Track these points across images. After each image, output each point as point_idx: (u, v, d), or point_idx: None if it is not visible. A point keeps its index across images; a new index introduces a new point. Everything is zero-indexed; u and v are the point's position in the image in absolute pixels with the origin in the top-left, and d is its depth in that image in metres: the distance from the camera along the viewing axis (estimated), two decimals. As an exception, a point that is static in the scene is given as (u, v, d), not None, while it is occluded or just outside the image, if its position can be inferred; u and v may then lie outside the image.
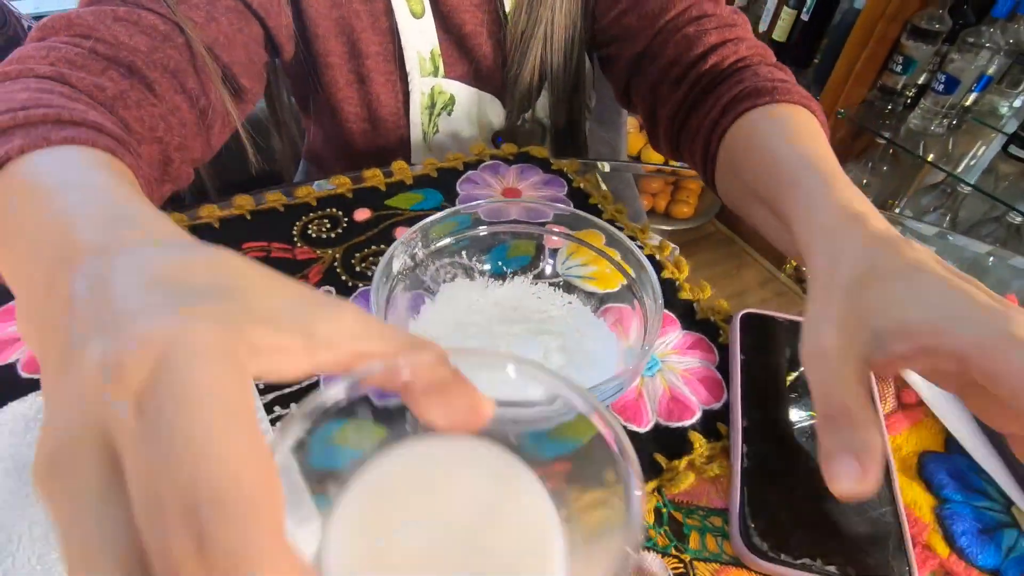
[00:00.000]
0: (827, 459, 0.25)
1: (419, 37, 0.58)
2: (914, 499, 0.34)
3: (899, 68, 1.32)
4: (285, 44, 0.55)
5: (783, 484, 0.34)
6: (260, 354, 0.16)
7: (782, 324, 0.42)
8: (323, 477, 0.22)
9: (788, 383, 0.39)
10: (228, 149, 0.51)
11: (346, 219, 0.51)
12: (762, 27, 1.59)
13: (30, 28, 0.66)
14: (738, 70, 0.48)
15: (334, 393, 0.20)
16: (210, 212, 0.50)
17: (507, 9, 0.58)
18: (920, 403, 0.39)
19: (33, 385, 0.36)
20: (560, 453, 0.24)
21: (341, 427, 0.22)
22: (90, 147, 0.29)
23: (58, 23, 0.39)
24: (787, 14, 1.50)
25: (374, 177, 0.55)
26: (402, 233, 0.41)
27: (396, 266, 0.38)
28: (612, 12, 0.57)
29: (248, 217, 0.50)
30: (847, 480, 0.24)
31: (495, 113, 0.65)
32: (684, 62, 0.50)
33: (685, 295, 0.46)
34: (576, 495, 0.22)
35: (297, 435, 0.20)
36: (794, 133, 0.40)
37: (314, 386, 0.38)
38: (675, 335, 0.43)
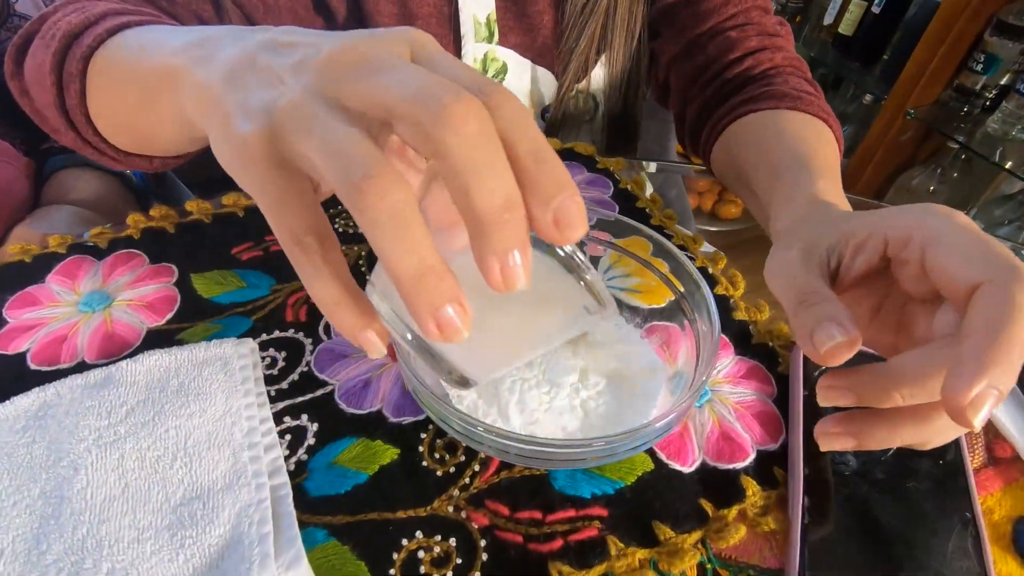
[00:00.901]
0: (805, 334, 0.24)
1: (476, 1, 0.55)
2: (1009, 574, 0.29)
3: (980, 67, 1.21)
4: (338, 7, 0.53)
5: (850, 548, 0.29)
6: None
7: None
8: None
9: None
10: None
11: (374, 213, 0.48)
12: (828, 19, 1.49)
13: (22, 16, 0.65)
14: (768, 75, 0.50)
15: None
16: (235, 200, 0.47)
17: None
18: (1016, 458, 0.34)
19: (40, 378, 0.34)
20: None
21: None
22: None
23: None
24: (856, 6, 1.40)
25: (407, 169, 0.52)
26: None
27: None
28: (668, 1, 0.55)
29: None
30: (832, 339, 0.23)
31: (547, 86, 0.61)
32: (720, 63, 0.53)
33: (740, 315, 0.41)
34: None
35: None
36: (799, 138, 0.42)
37: (324, 394, 0.35)
38: (728, 361, 0.38)
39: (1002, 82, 1.22)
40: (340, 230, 0.46)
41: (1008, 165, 1.23)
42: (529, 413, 0.32)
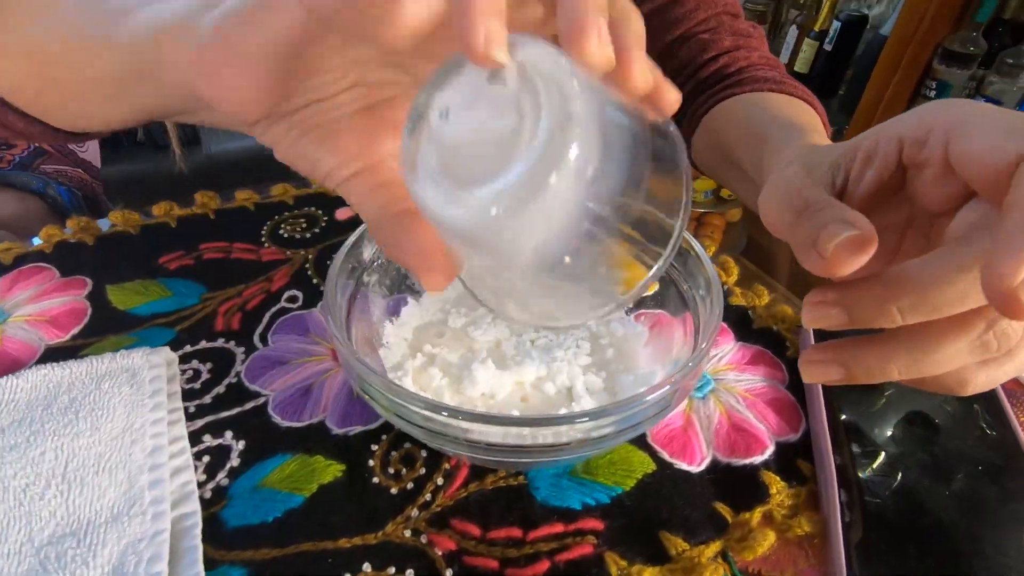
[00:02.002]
0: (806, 242, 0.19)
1: None
2: (1099, 572, 0.24)
3: (933, 93, 1.25)
4: None
5: (904, 545, 0.23)
6: None
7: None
8: None
9: (892, 405, 0.29)
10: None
11: (326, 218, 0.43)
12: (783, 59, 1.54)
13: None
14: (746, 70, 0.49)
15: None
16: (167, 210, 0.42)
17: None
18: (1073, 435, 0.29)
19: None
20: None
21: None
22: None
23: None
24: (808, 45, 1.46)
25: (362, 175, 0.47)
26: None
27: (368, 253, 0.29)
28: (640, 8, 0.53)
29: (211, 216, 0.43)
30: (837, 235, 0.18)
31: None
32: (695, 63, 0.52)
33: (737, 300, 0.37)
34: None
35: None
36: (784, 110, 0.40)
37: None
38: (729, 348, 0.33)
39: (956, 106, 1.26)
40: (286, 235, 0.41)
41: (973, 186, 1.25)
42: (504, 407, 0.27)
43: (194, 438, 0.28)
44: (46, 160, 0.64)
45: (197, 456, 0.27)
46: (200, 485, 0.26)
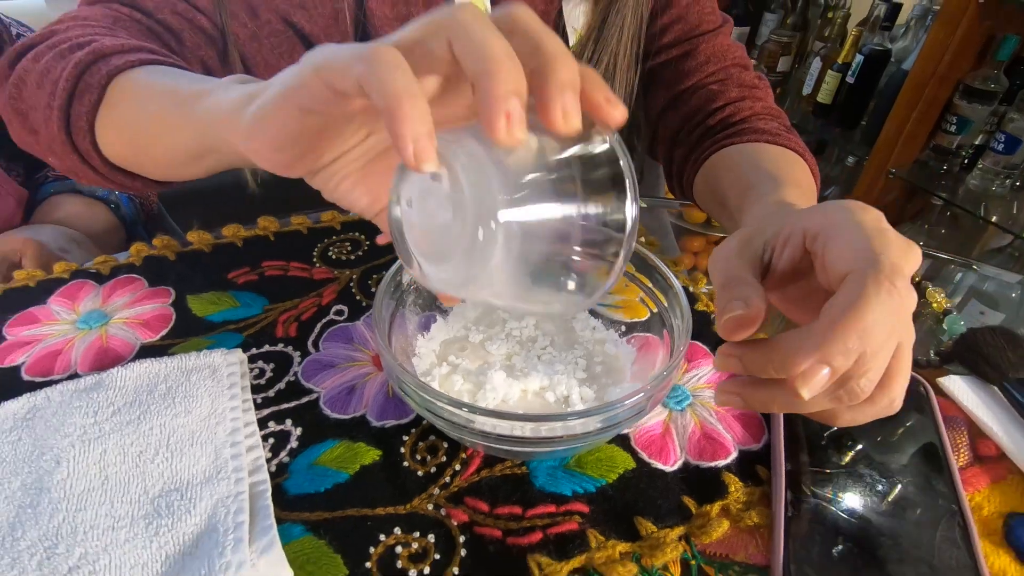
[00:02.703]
0: (719, 311, 0.26)
1: None
2: (1002, 568, 0.28)
3: (953, 128, 1.28)
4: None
5: (833, 539, 0.28)
6: None
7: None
8: None
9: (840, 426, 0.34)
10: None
11: (368, 243, 0.50)
12: (806, 90, 1.58)
13: (19, 36, 0.69)
14: (748, 120, 0.53)
15: None
16: (235, 232, 0.50)
17: (570, 43, 0.59)
18: (1002, 456, 0.33)
19: (33, 388, 0.35)
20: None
21: None
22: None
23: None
24: (831, 77, 1.50)
25: (400, 205, 0.54)
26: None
27: (406, 279, 0.36)
28: (656, 59, 0.60)
29: (271, 238, 0.50)
30: (732, 311, 0.25)
31: None
32: (703, 112, 0.56)
33: (721, 328, 0.42)
34: None
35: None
36: (773, 162, 0.45)
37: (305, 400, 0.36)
38: (708, 369, 0.39)
39: (976, 141, 1.28)
40: (334, 257, 0.48)
41: (994, 219, 1.26)
42: (512, 409, 0.33)
43: (261, 423, 0.34)
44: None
45: (264, 438, 0.34)
46: (267, 461, 0.32)
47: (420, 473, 0.32)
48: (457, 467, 0.32)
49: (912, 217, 1.45)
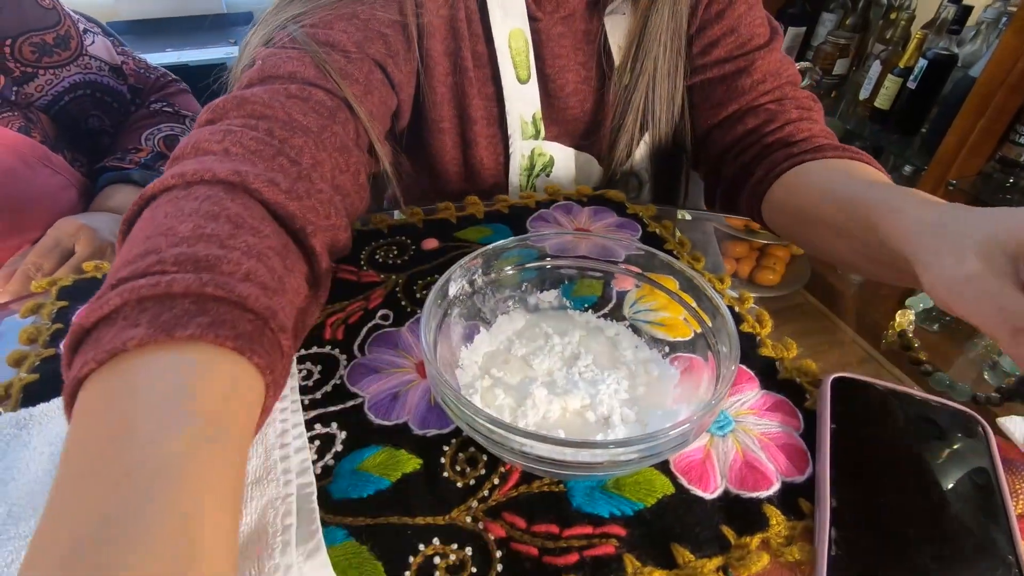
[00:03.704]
0: None
1: (522, 102, 0.59)
2: (1059, 627, 0.27)
3: (1023, 139, 1.21)
4: (406, 113, 0.57)
5: (881, 583, 0.28)
6: None
7: (881, 392, 0.37)
8: None
9: (889, 460, 0.33)
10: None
11: (414, 247, 0.51)
12: (864, 94, 1.52)
13: (86, 31, 0.72)
14: (809, 139, 0.53)
15: None
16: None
17: (615, 62, 0.58)
18: (1064, 506, 0.32)
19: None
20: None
21: None
22: (215, 348, 0.25)
23: (230, 104, 0.39)
24: (891, 81, 1.44)
25: (446, 210, 0.55)
26: (465, 261, 0.39)
27: (453, 290, 0.36)
28: (706, 74, 0.59)
29: (321, 239, 0.51)
30: None
31: (592, 172, 0.64)
32: (761, 132, 0.56)
33: (766, 352, 0.41)
34: None
35: None
36: (866, 173, 0.46)
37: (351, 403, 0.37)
38: (753, 394, 0.38)
39: (1047, 154, 1.22)
40: (380, 260, 0.49)
41: (1061, 237, 1.19)
42: (552, 426, 0.33)
43: (308, 425, 0.35)
44: (165, 163, 0.77)
45: (310, 440, 0.35)
46: (313, 463, 0.33)
47: (459, 484, 0.33)
48: (496, 481, 0.33)
49: (972, 231, 1.39)
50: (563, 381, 0.36)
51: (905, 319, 0.47)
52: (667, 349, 0.38)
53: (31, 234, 0.61)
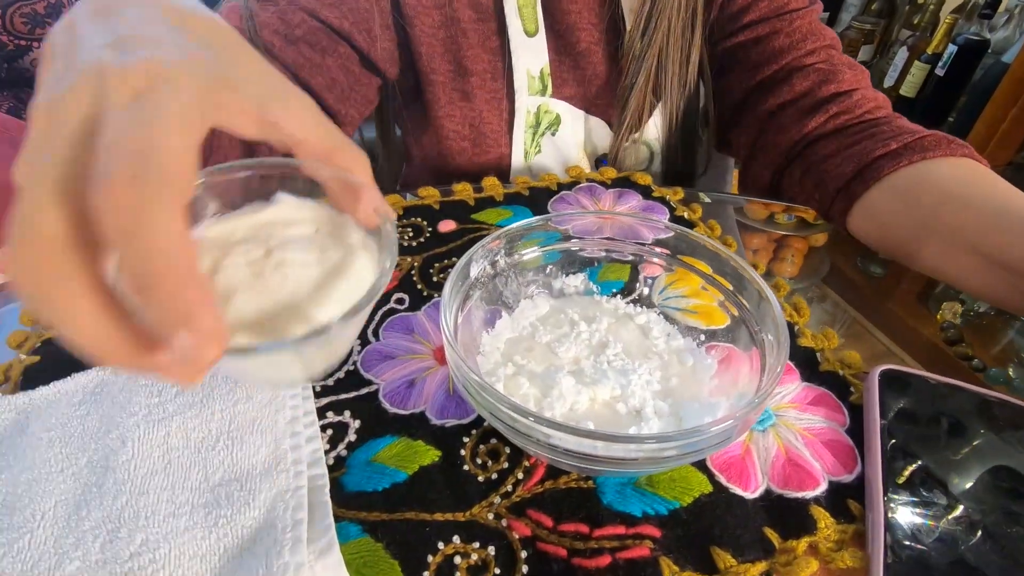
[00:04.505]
0: None
1: (530, 55, 0.56)
2: None
3: (1057, 128, 1.17)
4: (388, 67, 0.56)
5: (944, 594, 0.25)
6: (221, 110, 0.20)
7: (934, 386, 0.34)
8: None
9: (946, 460, 0.30)
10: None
11: (430, 229, 0.48)
12: (888, 82, 1.48)
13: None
14: (876, 120, 0.49)
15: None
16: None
17: (628, 26, 0.56)
18: None
19: (101, 361, 0.35)
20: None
21: None
22: None
23: None
24: (919, 68, 1.39)
25: (463, 191, 0.53)
26: (485, 242, 0.37)
27: (474, 271, 0.34)
28: (737, 38, 0.56)
29: (333, 220, 0.49)
30: None
31: (601, 137, 0.62)
32: (819, 95, 0.51)
33: (806, 342, 0.39)
34: None
35: None
36: (1003, 187, 0.41)
37: (358, 383, 0.34)
38: (794, 387, 0.36)
39: (1083, 144, 1.17)
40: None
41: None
42: (580, 418, 0.31)
43: (320, 414, 0.33)
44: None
45: (322, 429, 0.33)
46: (325, 453, 0.31)
47: (480, 479, 0.30)
48: (520, 475, 0.31)
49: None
50: (591, 370, 0.33)
51: (951, 311, 0.44)
52: (702, 338, 0.36)
53: None
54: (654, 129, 0.60)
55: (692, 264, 0.37)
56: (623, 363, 0.34)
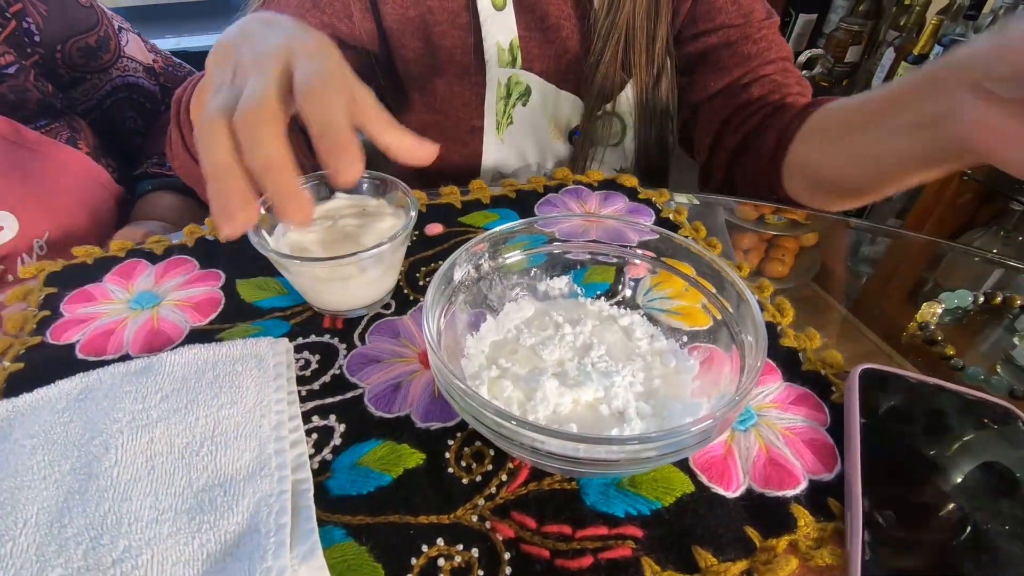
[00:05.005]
0: None
1: (499, 28, 0.58)
2: (1113, 639, 0.25)
3: (1042, 128, 1.18)
4: (371, 46, 0.59)
5: (920, 590, 0.26)
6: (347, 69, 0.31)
7: (913, 385, 0.34)
8: None
9: (924, 457, 0.31)
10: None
11: (416, 232, 0.48)
12: (875, 83, 1.49)
13: (120, 29, 0.70)
14: (811, 103, 0.55)
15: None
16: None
17: (595, 2, 0.58)
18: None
19: (86, 367, 0.35)
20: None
21: None
22: None
23: None
24: (905, 69, 1.40)
25: (451, 194, 0.53)
26: (470, 245, 0.37)
27: (458, 275, 0.34)
28: (707, 40, 0.59)
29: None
30: None
31: (573, 110, 0.63)
32: (764, 101, 0.57)
33: (788, 342, 0.39)
34: None
35: None
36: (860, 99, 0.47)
37: (343, 387, 0.35)
38: (775, 386, 0.36)
39: (1066, 143, 1.18)
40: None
41: (1079, 228, 1.16)
42: (563, 420, 0.31)
43: (305, 418, 0.34)
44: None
45: (307, 433, 0.33)
46: (310, 457, 0.31)
47: (465, 481, 0.31)
48: (504, 477, 0.31)
49: (987, 222, 1.36)
50: (575, 372, 0.34)
51: (930, 312, 0.45)
52: (684, 339, 0.36)
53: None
54: (626, 103, 0.62)
55: (675, 266, 0.37)
56: (607, 365, 0.34)
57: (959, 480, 0.30)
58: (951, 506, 0.29)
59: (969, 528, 0.28)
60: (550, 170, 0.66)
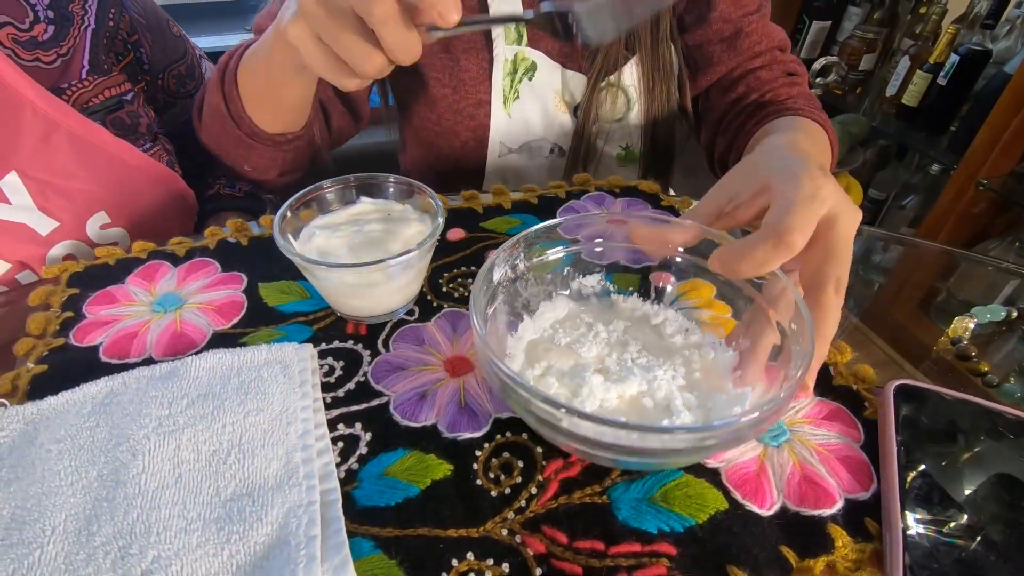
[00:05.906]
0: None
1: (505, 5, 0.59)
2: None
3: (1059, 138, 1.17)
4: None
5: (964, 615, 0.25)
6: None
7: (950, 402, 0.34)
8: None
9: (964, 477, 0.30)
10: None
11: (439, 238, 0.48)
12: (890, 91, 1.48)
13: (200, 56, 0.72)
14: (784, 101, 0.57)
15: None
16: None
17: None
18: None
19: (110, 370, 0.35)
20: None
21: None
22: None
23: None
24: (920, 77, 1.39)
25: (472, 199, 0.52)
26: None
27: (497, 276, 0.34)
28: (704, 33, 0.61)
29: (342, 228, 0.49)
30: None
31: (578, 87, 0.64)
32: (748, 98, 0.59)
33: (819, 356, 0.38)
34: None
35: None
36: (791, 120, 0.52)
37: (368, 394, 0.34)
38: (807, 401, 0.35)
39: (1085, 155, 1.17)
40: (404, 251, 0.46)
41: (1097, 240, 1.15)
42: (611, 415, 0.31)
43: (330, 425, 0.33)
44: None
45: (333, 441, 0.32)
46: (336, 467, 0.31)
47: (494, 493, 0.30)
48: (533, 490, 0.30)
49: (1001, 232, 1.35)
50: (616, 368, 0.33)
51: (962, 327, 0.44)
52: (722, 330, 0.36)
53: None
54: (630, 76, 0.63)
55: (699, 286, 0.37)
56: (646, 360, 0.34)
57: (999, 501, 0.29)
58: (992, 528, 0.28)
59: (1012, 552, 0.27)
60: (554, 142, 0.67)
